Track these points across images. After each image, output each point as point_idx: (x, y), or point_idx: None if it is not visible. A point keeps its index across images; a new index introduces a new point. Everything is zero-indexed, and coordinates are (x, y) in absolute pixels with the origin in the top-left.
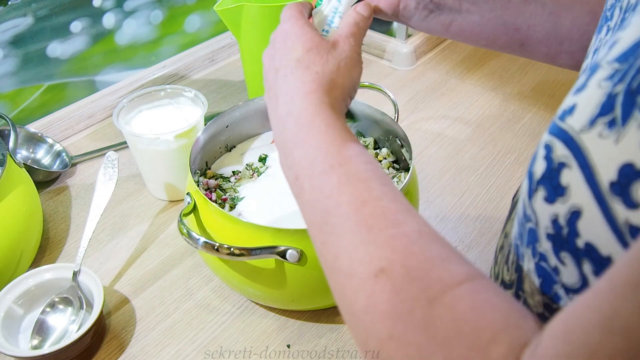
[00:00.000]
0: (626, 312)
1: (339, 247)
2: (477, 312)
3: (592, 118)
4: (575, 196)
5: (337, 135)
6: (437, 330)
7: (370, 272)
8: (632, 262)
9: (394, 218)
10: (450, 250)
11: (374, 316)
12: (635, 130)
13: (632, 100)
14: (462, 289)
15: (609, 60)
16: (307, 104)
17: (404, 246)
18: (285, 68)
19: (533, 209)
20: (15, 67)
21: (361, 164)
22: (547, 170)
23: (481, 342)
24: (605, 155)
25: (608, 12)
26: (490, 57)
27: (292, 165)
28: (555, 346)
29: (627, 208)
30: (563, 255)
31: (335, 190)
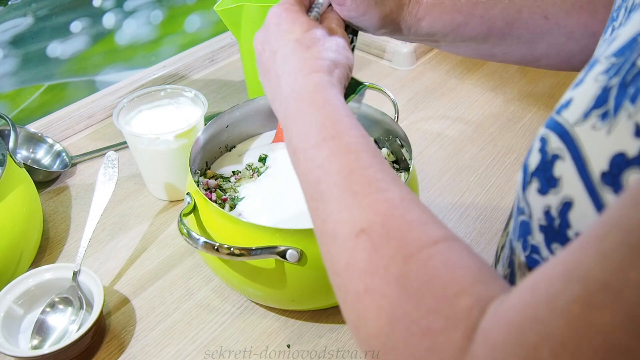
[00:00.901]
0: (587, 261)
1: (326, 212)
2: (448, 268)
3: (587, 111)
4: (567, 187)
5: (333, 110)
6: (409, 283)
7: (352, 233)
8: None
9: (378, 185)
10: (429, 215)
11: (352, 273)
12: (626, 120)
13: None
14: (437, 247)
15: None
16: (308, 83)
17: (384, 209)
18: (284, 48)
19: (527, 200)
20: (15, 67)
21: (353, 137)
22: (542, 162)
23: (449, 294)
24: (597, 147)
25: (614, 13)
26: None
27: (291, 139)
28: (520, 297)
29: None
30: (555, 246)
31: (326, 160)
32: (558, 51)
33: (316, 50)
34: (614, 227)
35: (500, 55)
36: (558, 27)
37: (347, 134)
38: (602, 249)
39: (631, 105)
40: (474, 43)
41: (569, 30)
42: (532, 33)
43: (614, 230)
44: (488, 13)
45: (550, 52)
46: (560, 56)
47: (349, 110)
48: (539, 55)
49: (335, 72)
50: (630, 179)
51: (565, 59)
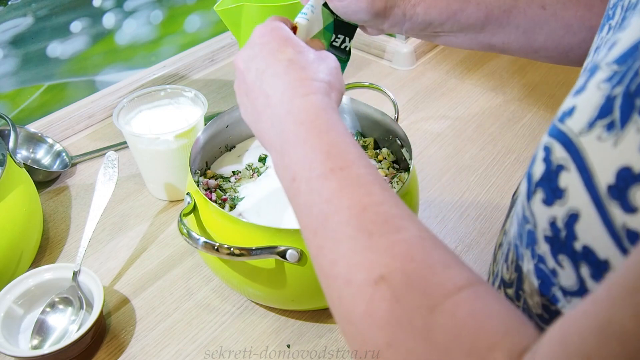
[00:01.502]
0: (621, 317)
1: (337, 252)
2: (477, 319)
3: (591, 120)
4: (573, 199)
5: (338, 138)
6: (436, 337)
7: (370, 279)
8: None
9: (394, 224)
10: (450, 255)
11: (372, 324)
12: (634, 134)
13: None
14: (462, 295)
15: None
16: (308, 105)
17: (404, 253)
18: (275, 68)
19: (532, 210)
20: (15, 67)
21: (362, 169)
22: (546, 172)
23: (480, 349)
24: (603, 158)
25: (610, 11)
26: (490, 57)
27: (288, 166)
28: (551, 352)
29: (625, 212)
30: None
31: (335, 194)
32: (556, 44)
33: (311, 71)
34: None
35: (500, 45)
36: (555, 18)
37: (356, 164)
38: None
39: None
40: (472, 32)
41: (566, 23)
42: (530, 22)
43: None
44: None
45: (549, 44)
46: (558, 49)
47: (352, 137)
48: (538, 46)
49: (333, 95)
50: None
51: (564, 52)
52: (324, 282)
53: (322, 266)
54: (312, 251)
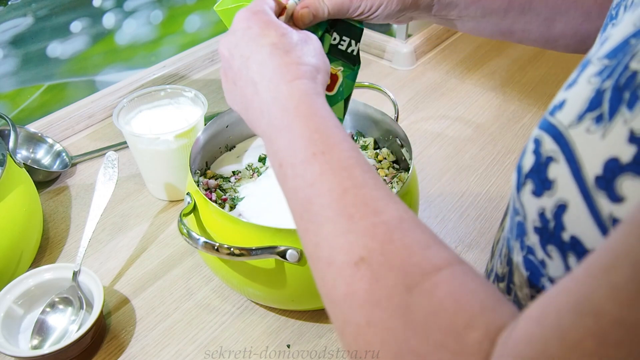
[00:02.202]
0: (597, 294)
1: (320, 235)
2: (454, 298)
3: (581, 113)
4: (562, 190)
5: (321, 122)
6: (414, 316)
7: (350, 261)
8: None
9: (374, 206)
10: (430, 236)
11: (352, 303)
12: (622, 126)
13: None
14: (440, 275)
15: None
16: (293, 90)
17: (383, 234)
18: (259, 54)
19: (521, 202)
20: (15, 67)
21: (344, 152)
22: (536, 164)
23: (457, 327)
24: (591, 150)
25: (613, 11)
26: (490, 57)
27: (276, 152)
28: (529, 329)
29: (612, 202)
30: (550, 248)
31: (317, 178)
32: (574, 31)
33: (295, 54)
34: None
35: (519, 32)
36: (576, 5)
37: (338, 148)
38: (612, 282)
39: (628, 111)
40: (495, 18)
41: (586, 10)
42: (551, 9)
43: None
44: None
45: (567, 31)
46: (576, 37)
47: (337, 120)
48: (557, 34)
49: (318, 77)
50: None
51: (581, 39)
52: (310, 264)
53: (307, 249)
54: (299, 234)
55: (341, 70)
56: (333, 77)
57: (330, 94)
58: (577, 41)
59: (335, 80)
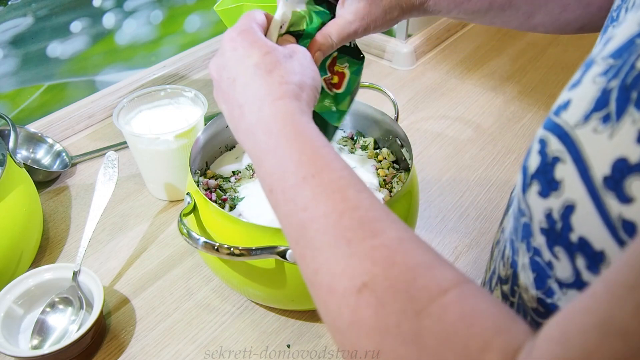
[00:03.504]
0: (623, 314)
1: (318, 261)
2: (466, 320)
3: (587, 113)
4: (569, 191)
5: (308, 143)
6: (426, 342)
7: (353, 288)
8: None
9: (372, 228)
10: (433, 255)
11: (360, 332)
12: (630, 126)
13: (626, 95)
14: (449, 297)
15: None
16: (275, 111)
17: (385, 257)
18: (244, 76)
19: (527, 203)
20: (15, 67)
21: (335, 172)
22: (542, 164)
23: (472, 351)
24: (599, 150)
25: (614, 13)
26: (490, 57)
27: (265, 176)
28: (550, 350)
29: (621, 202)
30: (557, 249)
31: (310, 202)
32: (553, 20)
33: (278, 74)
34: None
35: (499, 23)
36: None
37: (328, 168)
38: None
39: (637, 111)
40: (476, 16)
41: (564, 2)
42: (530, 5)
43: None
44: None
45: (546, 21)
46: (555, 25)
47: (324, 138)
48: (536, 24)
49: (303, 96)
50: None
51: (560, 27)
52: (310, 289)
53: (306, 274)
54: (297, 259)
55: (347, 67)
56: (340, 75)
57: (339, 92)
58: (556, 28)
59: (343, 78)
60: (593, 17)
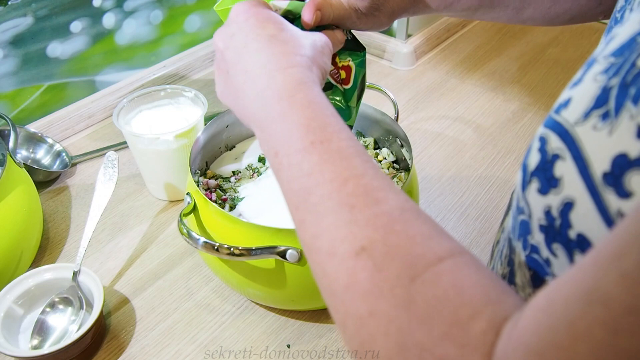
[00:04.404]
0: (607, 282)
1: (320, 226)
2: (458, 289)
3: (587, 111)
4: (569, 187)
5: (319, 111)
6: (418, 307)
7: (352, 251)
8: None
9: (376, 196)
10: (432, 226)
11: (354, 294)
12: (628, 121)
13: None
14: (444, 265)
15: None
16: (289, 78)
17: (385, 224)
18: (257, 42)
19: (526, 200)
20: (15, 67)
21: (343, 141)
22: (541, 162)
23: (461, 318)
24: (598, 147)
25: (618, 14)
26: (490, 57)
27: (270, 140)
28: (536, 319)
29: (620, 198)
30: (555, 246)
31: (315, 167)
32: (543, 14)
33: (292, 45)
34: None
35: (489, 19)
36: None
37: (337, 137)
38: (621, 269)
39: (634, 107)
40: (465, 13)
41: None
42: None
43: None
44: None
45: (536, 15)
46: (544, 18)
47: (334, 110)
48: (525, 18)
49: (314, 69)
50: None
51: (550, 19)
52: (307, 255)
53: (304, 240)
54: (296, 225)
55: (351, 61)
56: (347, 69)
57: (348, 87)
58: (546, 21)
59: (350, 72)
60: (582, 8)
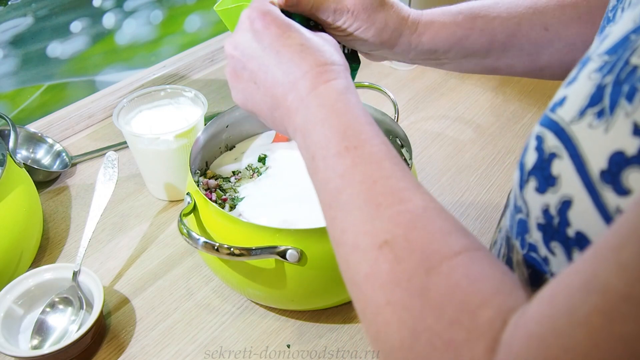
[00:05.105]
0: (605, 272)
1: (347, 222)
2: (470, 280)
3: (582, 109)
4: (566, 186)
5: (355, 119)
6: (431, 296)
7: (375, 244)
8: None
9: (400, 195)
10: (452, 224)
11: (374, 284)
12: (624, 119)
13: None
14: (458, 259)
15: (599, 53)
16: (330, 89)
17: (408, 221)
18: (290, 52)
19: (524, 199)
20: (15, 67)
21: (375, 146)
22: (538, 160)
23: (471, 306)
24: (595, 145)
25: (610, 14)
26: None
27: (309, 145)
28: (540, 309)
29: (618, 195)
30: (553, 245)
31: (348, 170)
32: (560, 62)
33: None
34: (631, 237)
35: (505, 68)
36: (559, 38)
37: (370, 143)
38: (620, 260)
39: (628, 104)
40: (477, 57)
41: (569, 42)
42: (534, 45)
43: (631, 240)
44: (488, 26)
45: (553, 62)
46: (562, 66)
47: (369, 117)
48: (542, 65)
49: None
50: (630, 177)
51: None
52: (335, 249)
53: (333, 235)
54: (327, 223)
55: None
56: None
57: None
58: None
59: None
60: None
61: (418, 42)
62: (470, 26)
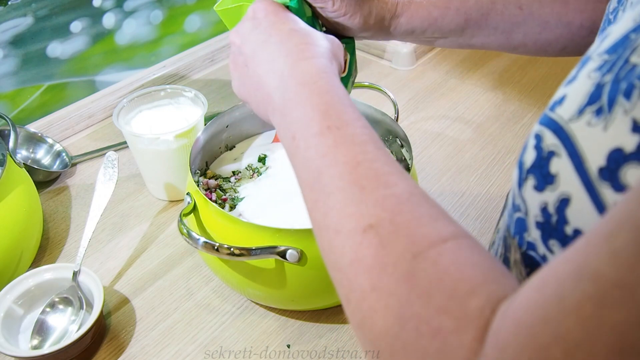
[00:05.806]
0: (597, 260)
1: (329, 204)
2: (458, 267)
3: (581, 107)
4: (565, 184)
5: (337, 99)
6: (418, 282)
7: (359, 228)
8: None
9: (385, 179)
10: (439, 210)
11: (359, 269)
12: (622, 116)
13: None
14: (447, 245)
15: (599, 52)
16: (310, 67)
17: (393, 205)
18: (279, 35)
19: (523, 198)
20: (15, 67)
21: (358, 128)
22: (537, 159)
23: (459, 293)
24: (593, 143)
25: (611, 16)
26: (490, 57)
27: (290, 124)
28: (529, 296)
29: (616, 192)
30: (552, 243)
31: (330, 150)
32: (534, 40)
33: (313, 38)
34: (624, 225)
35: (479, 45)
36: (532, 16)
37: (352, 124)
38: (612, 247)
39: (626, 101)
40: (452, 36)
41: (543, 20)
42: (508, 23)
43: (624, 228)
44: (463, 5)
45: (527, 41)
46: (536, 45)
47: (352, 101)
48: (516, 44)
49: (333, 61)
50: (628, 174)
51: (542, 47)
52: (317, 233)
53: (315, 218)
54: (308, 205)
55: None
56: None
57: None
58: (538, 48)
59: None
60: (574, 37)
61: (397, 23)
62: (446, 5)
